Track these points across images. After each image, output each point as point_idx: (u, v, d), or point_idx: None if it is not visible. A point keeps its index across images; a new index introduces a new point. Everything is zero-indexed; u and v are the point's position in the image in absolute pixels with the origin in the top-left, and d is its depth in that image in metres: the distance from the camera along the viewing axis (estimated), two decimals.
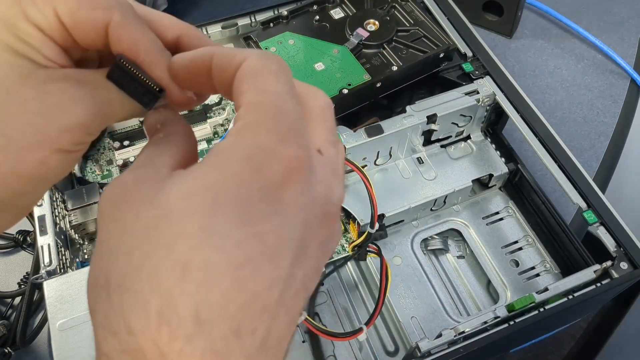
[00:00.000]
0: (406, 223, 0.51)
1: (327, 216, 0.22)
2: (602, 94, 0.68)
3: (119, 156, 0.55)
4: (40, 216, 0.45)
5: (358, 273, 0.49)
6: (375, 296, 0.47)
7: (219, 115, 0.59)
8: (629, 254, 0.43)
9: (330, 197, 0.22)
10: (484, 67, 0.53)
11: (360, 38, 0.50)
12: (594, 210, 0.45)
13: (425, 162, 0.52)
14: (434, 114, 0.49)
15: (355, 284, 0.48)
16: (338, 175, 0.23)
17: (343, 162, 0.25)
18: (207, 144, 0.58)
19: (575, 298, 0.42)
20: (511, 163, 0.52)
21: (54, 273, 0.43)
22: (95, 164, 0.56)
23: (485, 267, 0.49)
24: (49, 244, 0.44)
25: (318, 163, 0.22)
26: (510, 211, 0.52)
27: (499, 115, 0.53)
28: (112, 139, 0.56)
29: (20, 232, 0.54)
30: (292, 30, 0.52)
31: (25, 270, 0.52)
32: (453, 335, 0.40)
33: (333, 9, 0.54)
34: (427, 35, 0.51)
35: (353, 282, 0.48)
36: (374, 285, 0.47)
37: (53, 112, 0.22)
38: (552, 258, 0.49)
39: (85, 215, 0.48)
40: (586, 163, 0.62)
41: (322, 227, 0.22)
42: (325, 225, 0.22)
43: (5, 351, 0.48)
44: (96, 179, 0.55)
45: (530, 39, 0.73)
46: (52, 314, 0.40)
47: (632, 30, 0.74)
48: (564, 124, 0.65)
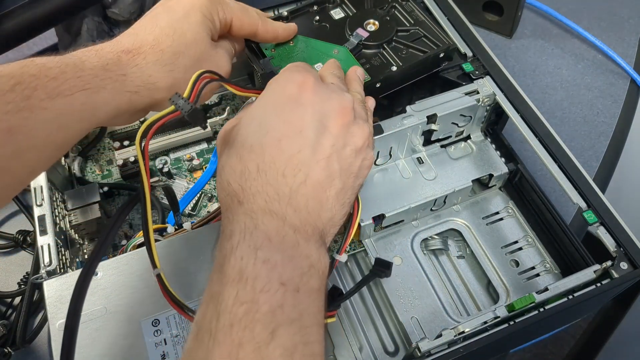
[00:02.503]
0: (406, 223, 0.51)
1: (342, 109, 0.37)
2: (602, 94, 0.68)
3: (119, 156, 0.55)
4: (40, 216, 0.45)
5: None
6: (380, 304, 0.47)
7: (219, 116, 0.59)
8: (629, 254, 0.43)
9: (338, 96, 0.37)
10: (484, 67, 0.53)
11: (360, 38, 0.50)
12: (594, 210, 0.45)
13: (425, 162, 0.52)
14: (434, 114, 0.49)
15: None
16: (341, 89, 0.39)
17: (344, 84, 0.42)
18: (207, 143, 0.58)
19: (575, 298, 0.42)
20: (511, 163, 0.52)
21: (54, 273, 0.43)
22: (95, 164, 0.56)
23: (485, 267, 0.49)
24: (49, 244, 0.44)
25: (325, 83, 0.39)
26: (510, 211, 0.52)
27: (499, 115, 0.53)
28: (112, 139, 0.56)
29: (20, 232, 0.54)
30: None
31: (25, 270, 0.52)
32: (453, 336, 0.40)
33: (333, 9, 0.54)
34: (427, 35, 0.51)
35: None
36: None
37: (217, 63, 0.44)
38: (552, 258, 0.49)
39: (85, 215, 0.48)
40: (586, 163, 0.62)
41: (339, 115, 0.37)
42: (340, 115, 0.37)
43: (5, 351, 0.48)
44: (96, 179, 0.55)
45: (530, 39, 0.73)
46: (52, 314, 0.40)
47: (632, 30, 0.74)
48: (564, 124, 0.65)
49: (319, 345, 0.31)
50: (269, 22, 0.47)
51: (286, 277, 0.31)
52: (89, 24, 0.63)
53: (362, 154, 0.38)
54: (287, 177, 0.34)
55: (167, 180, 0.55)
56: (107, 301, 0.40)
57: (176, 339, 0.39)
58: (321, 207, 0.35)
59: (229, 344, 0.28)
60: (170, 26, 0.41)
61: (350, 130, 0.37)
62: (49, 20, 0.53)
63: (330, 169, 0.35)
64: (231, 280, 0.30)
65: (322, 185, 0.35)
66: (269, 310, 0.29)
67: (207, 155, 0.57)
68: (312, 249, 0.33)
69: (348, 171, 0.37)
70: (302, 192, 0.34)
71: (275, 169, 0.34)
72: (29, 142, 0.33)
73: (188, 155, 0.56)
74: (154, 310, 0.40)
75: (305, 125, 0.35)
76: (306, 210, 0.34)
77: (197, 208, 0.54)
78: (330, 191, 0.35)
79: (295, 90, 0.36)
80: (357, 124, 0.38)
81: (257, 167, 0.34)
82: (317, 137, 0.35)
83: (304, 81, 0.37)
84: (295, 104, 0.36)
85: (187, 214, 0.53)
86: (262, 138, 0.35)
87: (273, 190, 0.34)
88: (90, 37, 0.64)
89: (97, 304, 0.40)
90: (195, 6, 0.42)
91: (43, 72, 0.34)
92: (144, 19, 0.42)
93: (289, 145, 0.35)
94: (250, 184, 0.34)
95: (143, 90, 0.39)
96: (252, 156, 0.35)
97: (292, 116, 0.36)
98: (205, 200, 0.54)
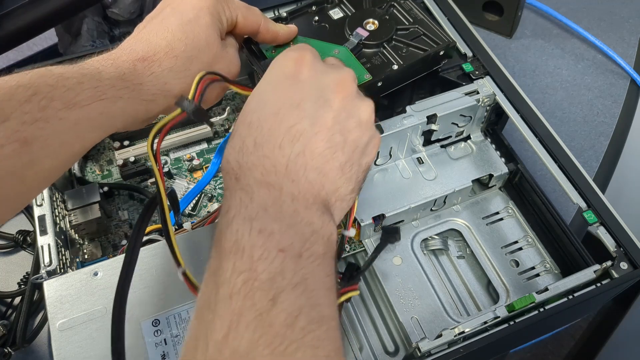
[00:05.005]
0: (406, 223, 0.51)
1: (342, 81, 0.37)
2: (602, 94, 0.68)
3: (119, 156, 0.55)
4: (40, 216, 0.45)
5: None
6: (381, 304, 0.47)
7: (220, 116, 0.59)
8: (629, 254, 0.43)
9: (336, 70, 0.38)
10: (484, 67, 0.53)
11: (360, 38, 0.50)
12: (594, 210, 0.45)
13: (425, 162, 0.52)
14: (434, 114, 0.49)
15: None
16: (338, 66, 0.40)
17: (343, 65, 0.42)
18: (207, 143, 0.58)
19: (575, 298, 0.42)
20: (511, 163, 0.52)
21: (54, 273, 0.43)
22: (95, 164, 0.56)
23: (485, 267, 0.49)
24: (49, 244, 0.44)
25: (323, 61, 0.40)
26: (510, 211, 0.52)
27: (499, 115, 0.53)
28: (112, 139, 0.56)
29: (20, 232, 0.54)
30: None
31: (25, 270, 0.52)
32: (453, 336, 0.40)
33: (332, 9, 0.54)
34: (426, 34, 0.51)
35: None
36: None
37: (229, 62, 0.44)
38: (552, 258, 0.49)
39: (85, 215, 0.48)
40: (586, 163, 0.62)
41: (339, 87, 0.37)
42: (340, 88, 0.37)
43: (5, 351, 0.48)
44: (96, 179, 0.55)
45: (530, 39, 0.73)
46: (52, 314, 0.40)
47: (632, 30, 0.74)
48: (564, 124, 0.65)
49: (328, 309, 0.30)
50: (271, 23, 0.47)
51: (285, 244, 0.30)
52: (89, 24, 0.63)
53: (369, 130, 0.37)
54: (284, 149, 0.33)
55: (168, 180, 0.55)
56: (107, 301, 0.40)
57: (176, 339, 0.39)
58: (324, 178, 0.34)
59: (230, 314, 0.27)
60: (181, 30, 0.40)
61: (354, 102, 0.37)
62: (49, 20, 0.53)
63: (332, 141, 0.35)
64: (227, 252, 0.30)
65: (323, 155, 0.34)
66: (268, 278, 0.28)
67: (207, 155, 0.57)
68: (314, 216, 0.32)
69: (353, 144, 0.36)
70: (300, 162, 0.33)
71: (272, 141, 0.34)
72: (45, 152, 0.33)
73: (188, 155, 0.56)
74: (154, 311, 0.40)
75: (304, 98, 0.35)
76: (306, 180, 0.33)
77: (197, 208, 0.54)
78: (332, 162, 0.34)
79: (293, 67, 0.37)
80: (360, 97, 0.38)
81: (254, 142, 0.34)
82: (316, 110, 0.35)
83: (300, 58, 0.37)
84: (293, 80, 0.36)
85: (187, 214, 0.53)
86: (260, 113, 0.35)
87: (270, 162, 0.33)
88: (90, 37, 0.64)
89: (97, 304, 0.40)
90: (203, 7, 0.41)
91: (60, 82, 0.34)
92: (154, 23, 0.41)
93: (286, 118, 0.34)
94: (247, 158, 0.34)
95: (159, 98, 0.39)
96: (250, 131, 0.34)
97: (290, 91, 0.36)
98: (205, 200, 0.54)
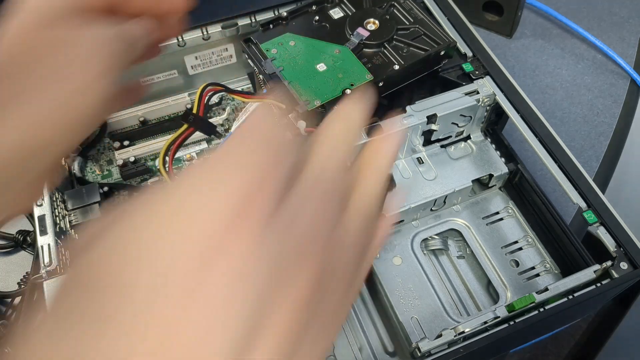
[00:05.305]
0: (406, 223, 0.51)
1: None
2: (602, 94, 0.68)
3: (118, 156, 0.55)
4: (40, 216, 0.45)
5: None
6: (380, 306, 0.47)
7: (219, 116, 0.59)
8: (629, 254, 0.43)
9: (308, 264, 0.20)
10: (484, 67, 0.53)
11: (361, 37, 0.50)
12: (594, 210, 0.45)
13: (425, 162, 0.52)
14: (434, 114, 0.49)
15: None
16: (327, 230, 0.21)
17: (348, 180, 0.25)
18: (207, 144, 0.58)
19: (575, 298, 0.42)
20: (511, 163, 0.52)
21: (54, 273, 0.43)
22: (95, 164, 0.56)
23: (485, 267, 0.49)
24: (49, 244, 0.44)
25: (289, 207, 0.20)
26: (510, 211, 0.52)
27: (499, 115, 0.53)
28: (112, 139, 0.56)
29: (20, 232, 0.54)
30: (292, 31, 0.52)
31: (25, 270, 0.52)
32: (453, 336, 0.40)
33: (332, 8, 0.54)
34: (427, 34, 0.51)
35: None
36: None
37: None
38: (552, 258, 0.49)
39: (85, 215, 0.48)
40: (586, 163, 0.62)
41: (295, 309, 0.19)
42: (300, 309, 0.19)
43: (5, 351, 0.48)
44: (96, 179, 0.55)
45: (530, 39, 0.73)
46: None
47: (632, 30, 0.74)
48: (564, 124, 0.65)
49: None
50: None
51: None
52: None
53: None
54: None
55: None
56: None
57: None
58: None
59: None
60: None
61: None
62: None
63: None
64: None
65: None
66: None
67: (207, 155, 0.57)
68: None
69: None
70: None
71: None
72: None
73: (188, 155, 0.56)
74: None
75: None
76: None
77: None
78: None
79: (215, 235, 0.17)
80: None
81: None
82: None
83: (242, 208, 0.18)
84: (199, 280, 0.17)
85: None
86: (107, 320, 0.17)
87: None
88: None
89: None
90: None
91: None
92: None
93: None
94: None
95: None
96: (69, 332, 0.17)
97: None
98: None
